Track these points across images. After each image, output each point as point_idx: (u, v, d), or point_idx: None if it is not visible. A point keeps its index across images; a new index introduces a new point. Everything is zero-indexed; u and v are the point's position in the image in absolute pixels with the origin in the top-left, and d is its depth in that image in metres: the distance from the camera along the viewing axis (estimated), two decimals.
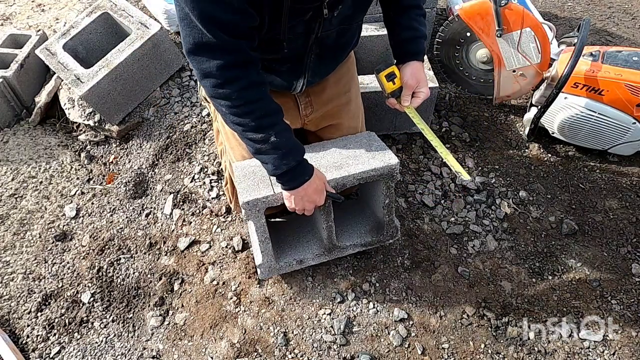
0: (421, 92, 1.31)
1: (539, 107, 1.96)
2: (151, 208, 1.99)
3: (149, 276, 1.76)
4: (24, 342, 1.64)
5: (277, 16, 1.03)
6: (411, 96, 1.31)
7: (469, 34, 2.10)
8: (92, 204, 2.05)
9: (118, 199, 2.05)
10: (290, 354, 1.51)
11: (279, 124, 1.16)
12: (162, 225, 1.92)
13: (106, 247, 1.87)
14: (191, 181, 2.02)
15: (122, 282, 1.76)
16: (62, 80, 2.29)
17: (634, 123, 1.84)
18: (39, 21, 3.01)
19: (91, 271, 1.80)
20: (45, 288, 1.77)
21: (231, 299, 1.65)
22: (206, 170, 2.04)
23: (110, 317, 1.67)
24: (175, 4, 1.00)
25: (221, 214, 1.89)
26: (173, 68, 2.35)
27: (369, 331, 1.55)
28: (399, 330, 1.55)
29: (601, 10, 3.06)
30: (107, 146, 2.28)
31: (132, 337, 1.62)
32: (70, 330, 1.65)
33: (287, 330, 1.56)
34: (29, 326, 1.68)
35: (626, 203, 1.91)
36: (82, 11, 2.54)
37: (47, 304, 1.73)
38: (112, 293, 1.74)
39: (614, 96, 1.81)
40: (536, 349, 1.52)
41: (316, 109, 1.47)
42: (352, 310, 1.59)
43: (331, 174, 1.37)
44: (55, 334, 1.65)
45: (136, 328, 1.64)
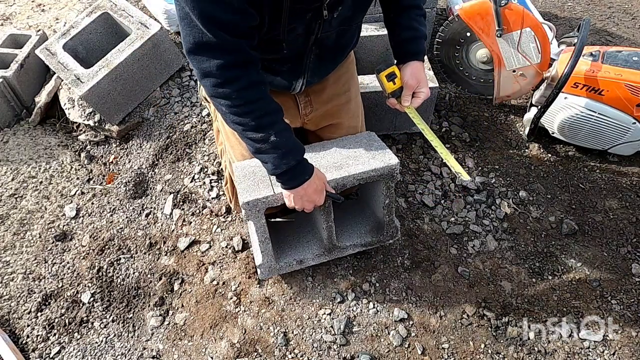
0: (421, 92, 1.31)
1: (539, 107, 1.96)
2: (151, 208, 1.99)
3: (149, 276, 1.76)
4: (24, 342, 1.64)
5: (277, 16, 1.03)
6: (411, 96, 1.32)
7: (469, 34, 2.10)
8: (92, 204, 2.05)
9: (118, 199, 2.05)
10: (290, 354, 1.51)
11: (278, 123, 1.16)
12: (162, 225, 1.92)
13: (106, 247, 1.87)
14: (191, 181, 2.02)
15: (122, 282, 1.76)
16: (62, 80, 2.29)
17: (634, 123, 1.84)
18: (39, 21, 3.01)
19: (91, 271, 1.80)
20: (45, 288, 1.77)
21: (231, 299, 1.65)
22: (206, 170, 2.04)
23: (110, 317, 1.67)
24: (175, 4, 1.00)
25: (221, 214, 1.89)
26: (173, 68, 2.35)
27: (369, 331, 1.55)
28: (399, 330, 1.55)
29: (601, 10, 3.06)
30: (107, 146, 2.28)
31: (132, 337, 1.62)
32: (70, 330, 1.65)
33: (287, 330, 1.56)
34: (29, 326, 1.68)
35: (626, 203, 1.91)
36: (82, 11, 2.54)
37: (47, 304, 1.73)
38: (112, 293, 1.74)
39: (614, 96, 1.81)
40: (536, 349, 1.52)
41: (316, 108, 1.47)
42: (352, 310, 1.59)
43: (331, 174, 1.37)
44: (55, 334, 1.65)
45: (136, 328, 1.64)
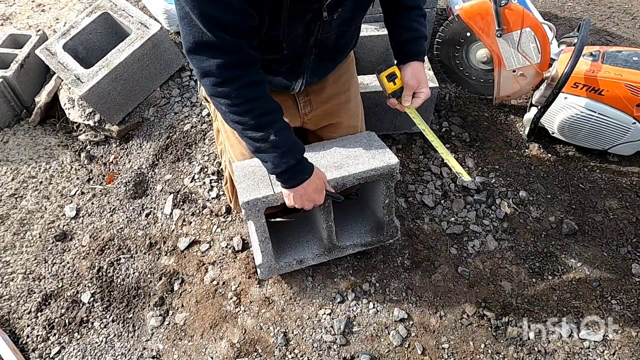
0: (422, 92, 1.31)
1: (539, 107, 1.96)
2: (151, 208, 1.99)
3: (149, 276, 1.76)
4: (24, 342, 1.64)
5: (276, 17, 1.04)
6: (412, 96, 1.32)
7: (469, 34, 2.10)
8: (92, 204, 2.05)
9: (118, 199, 2.05)
10: (290, 354, 1.51)
11: (278, 122, 1.16)
12: (162, 225, 1.92)
13: (106, 247, 1.87)
14: (191, 181, 2.02)
15: (122, 282, 1.76)
16: (62, 80, 2.29)
17: (634, 123, 1.84)
18: (39, 21, 3.01)
19: (91, 271, 1.80)
20: (45, 288, 1.77)
21: (231, 299, 1.65)
22: (206, 170, 2.04)
23: (110, 317, 1.67)
24: (175, 3, 1.00)
25: (221, 214, 1.89)
26: (173, 68, 2.35)
27: (369, 331, 1.55)
28: (399, 330, 1.55)
29: (601, 10, 3.06)
30: (107, 146, 2.28)
31: (132, 337, 1.62)
32: (70, 330, 1.65)
33: (287, 330, 1.56)
34: (29, 326, 1.68)
35: (626, 203, 1.91)
36: (82, 11, 2.54)
37: (47, 304, 1.73)
38: (112, 293, 1.74)
39: (614, 96, 1.81)
40: (536, 349, 1.52)
41: (315, 107, 1.47)
42: (352, 310, 1.59)
43: (331, 173, 1.37)
44: (55, 334, 1.65)
45: (136, 328, 1.64)
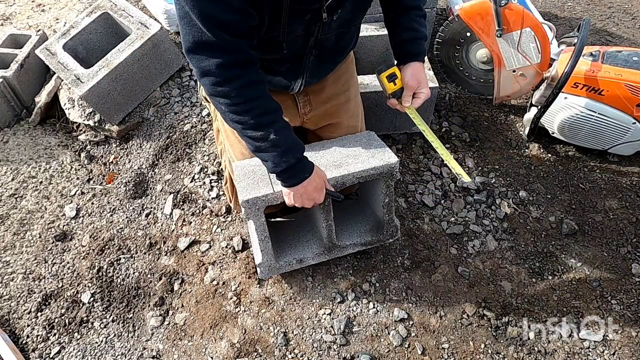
0: (422, 92, 1.31)
1: (539, 107, 1.96)
2: (151, 208, 1.99)
3: (149, 276, 1.76)
4: (24, 342, 1.64)
5: (276, 17, 1.04)
6: (412, 97, 1.32)
7: (469, 34, 2.10)
8: (92, 204, 2.05)
9: (118, 199, 2.05)
10: (290, 354, 1.51)
11: (278, 121, 1.16)
12: (162, 225, 1.92)
13: (106, 247, 1.87)
14: (191, 181, 2.02)
15: (122, 282, 1.76)
16: (62, 80, 2.29)
17: (634, 123, 1.84)
18: (39, 21, 3.01)
19: (91, 271, 1.80)
20: (45, 288, 1.77)
21: (231, 299, 1.65)
22: (206, 170, 2.04)
23: (110, 317, 1.67)
24: (174, 3, 1.00)
25: (221, 214, 1.89)
26: (173, 68, 2.35)
27: (369, 331, 1.55)
28: (399, 330, 1.55)
29: (601, 10, 3.06)
30: (107, 146, 2.28)
31: (132, 337, 1.62)
32: (70, 330, 1.65)
33: (287, 330, 1.56)
34: (29, 326, 1.68)
35: (626, 203, 1.91)
36: (82, 11, 2.54)
37: (47, 304, 1.73)
38: (112, 293, 1.74)
39: (614, 96, 1.81)
40: (536, 349, 1.52)
41: (315, 107, 1.47)
42: (352, 310, 1.59)
43: (331, 172, 1.37)
44: (55, 334, 1.65)
45: (136, 328, 1.64)
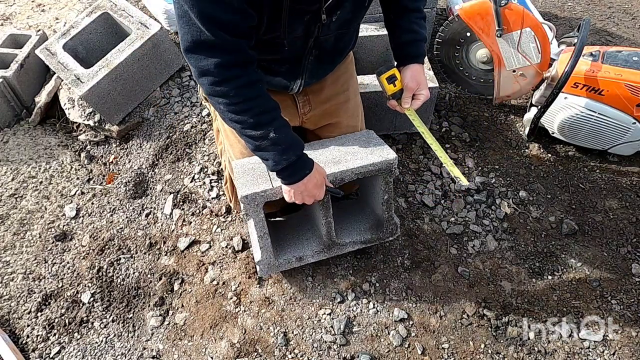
0: (421, 94, 1.32)
1: (539, 107, 1.96)
2: (151, 208, 1.99)
3: (149, 276, 1.77)
4: (24, 342, 1.64)
5: (276, 17, 1.04)
6: (411, 98, 1.32)
7: (469, 34, 2.10)
8: (92, 204, 2.06)
9: (118, 199, 2.05)
10: (290, 354, 1.51)
11: (277, 119, 1.16)
12: (162, 225, 1.92)
13: (106, 247, 1.87)
14: (191, 181, 2.02)
15: (122, 282, 1.76)
16: (62, 80, 2.29)
17: (634, 123, 1.84)
18: (39, 21, 3.01)
19: (91, 271, 1.80)
20: (45, 288, 1.77)
21: (231, 299, 1.65)
22: (206, 170, 2.04)
23: (110, 317, 1.67)
24: (173, 2, 1.00)
25: (221, 214, 1.89)
26: (173, 68, 2.35)
27: (369, 331, 1.55)
28: (399, 330, 1.55)
29: (601, 10, 3.06)
30: (107, 146, 2.28)
31: (132, 337, 1.62)
32: (70, 330, 1.65)
33: (287, 330, 1.56)
34: (29, 326, 1.68)
35: (626, 203, 1.91)
36: (82, 11, 2.54)
37: (47, 304, 1.73)
38: (112, 293, 1.74)
39: (614, 96, 1.81)
40: (536, 349, 1.52)
41: (314, 107, 1.47)
42: (352, 310, 1.59)
43: (330, 169, 1.38)
44: (55, 334, 1.65)
45: (136, 328, 1.64)
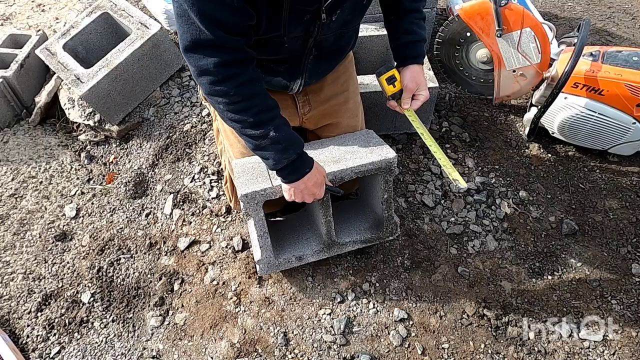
0: (421, 94, 1.33)
1: (539, 107, 1.96)
2: (151, 208, 1.99)
3: (149, 276, 1.77)
4: (24, 342, 1.64)
5: (276, 17, 1.03)
6: (411, 99, 1.33)
7: (469, 34, 2.10)
8: (92, 204, 2.06)
9: (118, 199, 2.05)
10: (290, 354, 1.51)
11: (277, 118, 1.16)
12: (162, 225, 1.92)
13: (106, 247, 1.87)
14: (191, 181, 2.02)
15: (122, 282, 1.76)
16: (62, 80, 2.29)
17: (634, 123, 1.84)
18: (39, 21, 3.01)
19: (91, 271, 1.80)
20: (45, 288, 1.77)
21: (231, 299, 1.65)
22: (206, 170, 2.04)
23: (110, 317, 1.67)
24: (172, 1, 1.00)
25: (221, 214, 1.89)
26: (173, 68, 2.35)
27: (369, 331, 1.55)
28: (399, 330, 1.55)
29: (601, 10, 3.06)
30: (107, 146, 2.28)
31: (132, 337, 1.62)
32: (70, 330, 1.65)
33: (287, 330, 1.56)
34: (29, 326, 1.68)
35: (626, 203, 1.91)
36: (82, 11, 2.54)
37: (47, 304, 1.73)
38: (112, 293, 1.74)
39: (614, 96, 1.81)
40: (536, 349, 1.52)
41: (314, 107, 1.47)
42: (352, 310, 1.59)
43: (329, 167, 1.38)
44: (55, 334, 1.65)
45: (136, 328, 1.64)
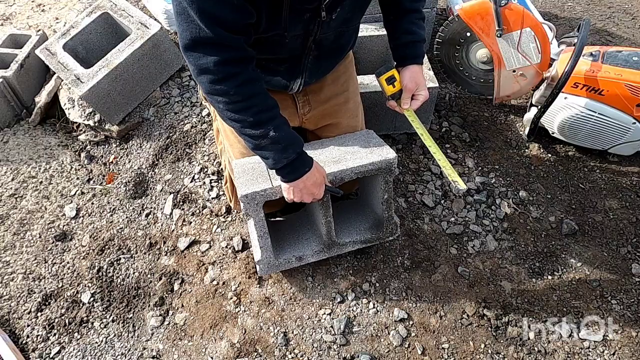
0: (420, 94, 1.33)
1: (539, 107, 1.96)
2: (151, 208, 1.99)
3: (149, 276, 1.77)
4: (24, 342, 1.64)
5: (276, 15, 1.03)
6: (410, 99, 1.33)
7: (469, 34, 2.10)
8: (92, 204, 2.06)
9: (118, 199, 2.05)
10: (290, 354, 1.51)
11: (277, 118, 1.16)
12: (162, 225, 1.92)
13: (106, 247, 1.87)
14: (191, 181, 2.02)
15: (122, 282, 1.76)
16: (62, 80, 2.29)
17: (634, 123, 1.84)
18: (39, 21, 3.01)
19: (91, 271, 1.80)
20: (45, 288, 1.77)
21: (231, 299, 1.65)
22: (206, 170, 2.04)
23: (110, 317, 1.67)
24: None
25: (221, 214, 1.89)
26: (173, 68, 2.35)
27: (369, 331, 1.55)
28: (399, 330, 1.55)
29: (601, 10, 3.06)
30: (107, 146, 2.28)
31: (132, 337, 1.62)
32: (70, 330, 1.65)
33: (287, 330, 1.56)
34: (29, 326, 1.68)
35: (626, 203, 1.91)
36: (82, 11, 2.54)
37: (47, 304, 1.73)
38: (112, 293, 1.74)
39: (614, 96, 1.81)
40: (536, 349, 1.52)
41: (314, 107, 1.47)
42: (352, 310, 1.59)
43: (329, 168, 1.38)
44: (55, 334, 1.65)
45: (136, 328, 1.64)
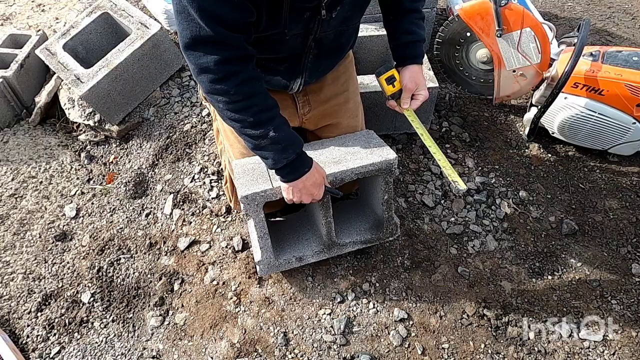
0: (420, 94, 1.33)
1: (539, 107, 1.96)
2: (151, 208, 1.99)
3: (149, 276, 1.77)
4: (24, 342, 1.64)
5: (276, 13, 1.03)
6: (410, 98, 1.33)
7: (469, 34, 2.10)
8: (92, 204, 2.06)
9: (118, 199, 2.05)
10: (290, 354, 1.51)
11: (277, 118, 1.16)
12: (162, 225, 1.92)
13: (106, 247, 1.87)
14: (191, 181, 2.02)
15: (122, 282, 1.76)
16: (62, 80, 2.29)
17: (634, 123, 1.84)
18: (39, 21, 3.01)
19: (91, 271, 1.80)
20: (45, 288, 1.77)
21: (231, 299, 1.65)
22: (206, 170, 2.04)
23: (110, 317, 1.67)
24: None
25: (221, 214, 1.89)
26: (173, 68, 2.35)
27: (369, 331, 1.55)
28: (399, 330, 1.55)
29: (601, 10, 3.06)
30: (107, 146, 2.28)
31: (132, 337, 1.62)
32: (70, 330, 1.65)
33: (287, 330, 1.56)
34: (29, 326, 1.68)
35: (626, 203, 1.91)
36: (82, 11, 2.54)
37: (47, 304, 1.73)
38: (112, 293, 1.74)
39: (614, 96, 1.81)
40: (536, 349, 1.52)
41: (314, 107, 1.47)
42: (352, 310, 1.59)
43: (330, 168, 1.38)
44: (55, 334, 1.65)
45: (136, 328, 1.64)
